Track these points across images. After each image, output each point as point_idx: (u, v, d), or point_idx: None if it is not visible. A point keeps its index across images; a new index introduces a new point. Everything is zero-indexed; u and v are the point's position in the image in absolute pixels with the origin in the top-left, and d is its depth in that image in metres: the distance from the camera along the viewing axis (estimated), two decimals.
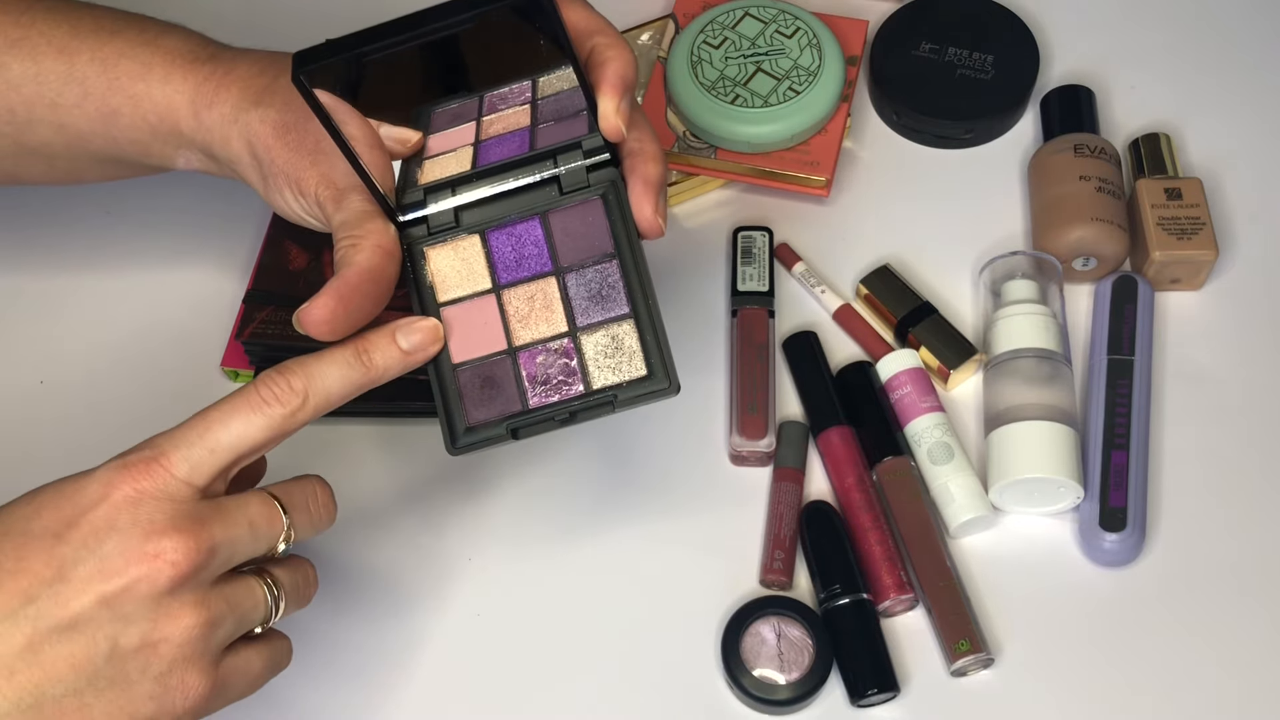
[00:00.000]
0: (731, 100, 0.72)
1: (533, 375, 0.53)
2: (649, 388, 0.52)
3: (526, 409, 0.53)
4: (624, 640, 0.62)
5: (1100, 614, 0.61)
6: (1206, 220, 0.68)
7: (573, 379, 0.53)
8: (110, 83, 0.57)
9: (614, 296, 0.54)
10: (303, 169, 0.54)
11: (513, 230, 0.55)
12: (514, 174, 0.55)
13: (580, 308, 0.54)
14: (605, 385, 0.52)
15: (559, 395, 0.53)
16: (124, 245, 0.74)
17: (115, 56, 0.57)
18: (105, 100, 0.57)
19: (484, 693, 0.61)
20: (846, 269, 0.72)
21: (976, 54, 0.76)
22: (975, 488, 0.63)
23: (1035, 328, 0.65)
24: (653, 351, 0.52)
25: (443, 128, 0.54)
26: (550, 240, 0.55)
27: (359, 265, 0.52)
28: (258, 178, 0.57)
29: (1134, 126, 0.75)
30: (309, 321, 0.51)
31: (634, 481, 0.66)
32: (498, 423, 0.53)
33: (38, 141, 0.59)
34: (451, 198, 0.55)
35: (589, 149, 0.55)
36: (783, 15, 0.74)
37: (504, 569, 0.64)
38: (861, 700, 0.59)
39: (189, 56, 0.58)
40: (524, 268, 0.55)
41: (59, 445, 0.68)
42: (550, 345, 0.53)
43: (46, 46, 0.57)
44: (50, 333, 0.72)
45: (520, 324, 0.54)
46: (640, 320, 0.53)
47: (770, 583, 0.62)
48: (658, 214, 0.54)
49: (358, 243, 0.53)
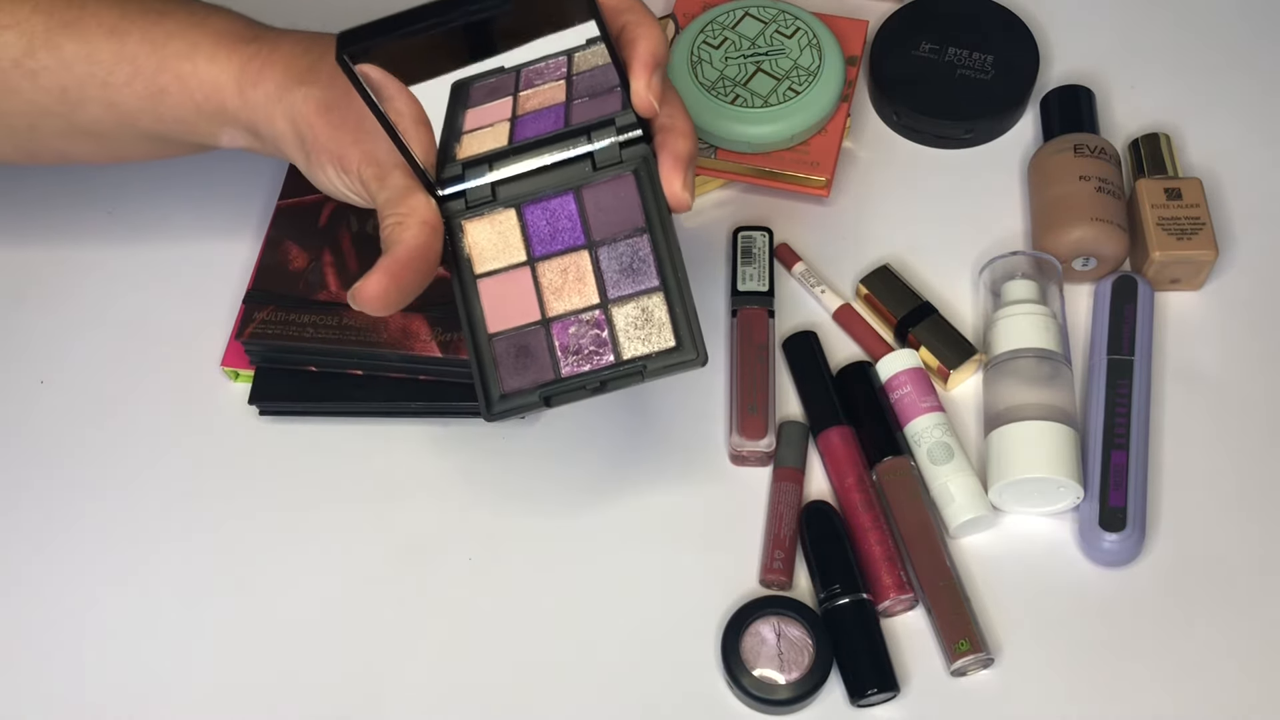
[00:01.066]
0: (731, 100, 0.72)
1: (565, 345, 0.55)
2: (678, 358, 0.54)
3: (559, 378, 0.54)
4: (624, 640, 0.62)
5: (1100, 614, 0.61)
6: (1206, 220, 0.68)
7: (604, 349, 0.55)
8: (160, 62, 0.59)
9: (644, 270, 0.56)
10: (345, 146, 0.56)
11: (547, 205, 0.57)
12: (549, 150, 0.57)
13: (611, 280, 0.56)
14: (635, 356, 0.54)
15: (590, 365, 0.54)
16: (124, 245, 0.74)
17: (164, 37, 0.59)
18: (154, 79, 0.59)
19: (484, 692, 0.61)
20: (846, 269, 0.72)
21: (976, 54, 0.76)
22: (975, 488, 0.63)
23: (1035, 328, 0.65)
24: (681, 324, 0.54)
25: (480, 102, 0.56)
26: (583, 214, 0.57)
27: (407, 243, 0.54)
28: (301, 155, 0.58)
29: (1134, 126, 0.75)
30: (364, 298, 0.53)
31: (634, 481, 0.66)
32: (531, 390, 0.54)
33: (88, 120, 0.61)
34: (489, 173, 0.57)
35: (622, 125, 0.56)
36: (783, 15, 0.74)
37: (504, 567, 0.64)
38: (861, 700, 0.59)
39: (234, 36, 0.59)
40: (558, 241, 0.57)
41: (59, 445, 0.69)
42: (582, 316, 0.55)
43: (98, 28, 0.59)
44: (50, 332, 0.72)
45: (554, 295, 0.56)
46: (670, 293, 0.55)
47: (770, 583, 0.62)
48: (686, 189, 0.55)
49: (404, 219, 0.54)
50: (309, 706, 0.61)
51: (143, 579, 0.65)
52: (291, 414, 0.69)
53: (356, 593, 0.64)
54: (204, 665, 0.62)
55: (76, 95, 0.60)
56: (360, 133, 0.56)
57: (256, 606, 0.64)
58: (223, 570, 0.65)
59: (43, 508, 0.67)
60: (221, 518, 0.66)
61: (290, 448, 0.68)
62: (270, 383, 0.68)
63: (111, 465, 0.68)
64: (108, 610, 0.64)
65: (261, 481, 0.67)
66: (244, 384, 0.70)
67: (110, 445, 0.69)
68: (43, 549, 0.66)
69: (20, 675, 0.63)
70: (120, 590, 0.64)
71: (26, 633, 0.64)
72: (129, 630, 0.63)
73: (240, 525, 0.66)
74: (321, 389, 0.67)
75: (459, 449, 0.67)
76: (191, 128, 0.61)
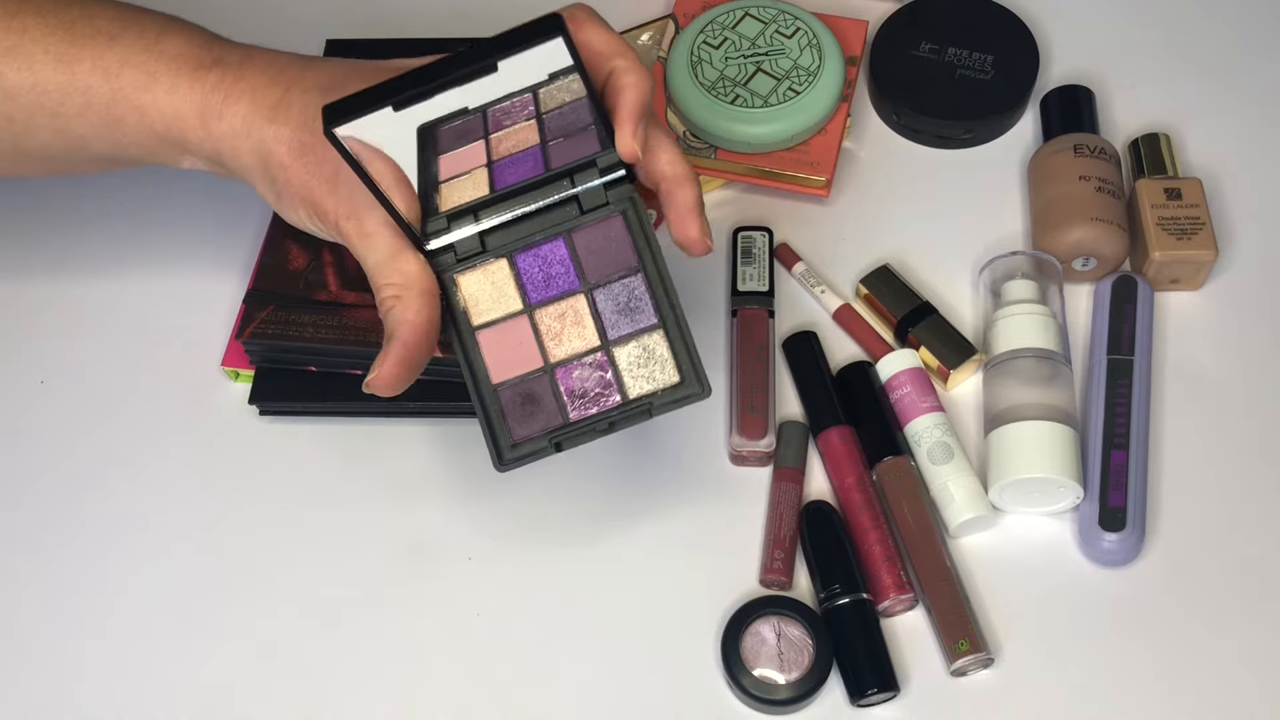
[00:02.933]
0: (731, 100, 0.72)
1: (571, 390, 0.55)
2: (683, 393, 0.54)
3: (568, 423, 0.55)
4: (624, 640, 0.62)
5: (1100, 614, 0.61)
6: (1206, 220, 0.68)
7: (609, 390, 0.55)
8: (114, 93, 0.56)
9: (641, 308, 0.56)
10: (321, 195, 0.54)
11: (539, 251, 0.57)
12: (533, 196, 0.56)
13: (610, 321, 0.56)
14: (641, 394, 0.55)
15: (598, 407, 0.55)
16: (124, 245, 0.74)
17: (118, 65, 0.56)
18: (109, 110, 0.57)
19: (484, 692, 0.61)
20: (846, 269, 0.72)
21: (976, 54, 0.76)
22: (975, 488, 0.63)
23: (1035, 328, 0.65)
24: (683, 358, 0.55)
25: (451, 147, 0.55)
26: (576, 258, 0.57)
27: (412, 323, 0.54)
28: (270, 192, 0.56)
29: (1134, 126, 0.75)
30: (380, 387, 0.54)
31: (634, 481, 0.66)
32: (541, 437, 0.55)
33: (38, 145, 0.59)
34: (475, 224, 0.56)
35: (604, 166, 0.56)
36: (783, 15, 0.74)
37: (504, 569, 0.64)
38: (861, 700, 0.59)
39: (193, 62, 0.56)
40: (553, 287, 0.57)
41: (59, 445, 0.69)
42: (585, 360, 0.55)
43: (43, 55, 0.56)
44: (50, 333, 0.72)
45: (554, 341, 0.56)
46: (669, 329, 0.55)
47: (770, 583, 0.62)
48: (703, 235, 0.55)
49: (403, 295, 0.54)
50: (309, 705, 0.61)
51: (142, 579, 0.65)
52: (291, 414, 0.69)
53: (356, 592, 0.64)
54: (204, 665, 0.62)
55: (24, 124, 0.57)
56: (336, 182, 0.54)
57: (255, 605, 0.64)
58: (222, 570, 0.65)
59: (42, 508, 0.67)
60: (221, 517, 0.66)
61: (290, 448, 0.68)
62: (270, 383, 0.68)
63: (111, 465, 0.68)
64: (107, 610, 0.64)
65: (261, 481, 0.67)
66: (244, 384, 0.70)
67: (110, 445, 0.69)
68: (42, 549, 0.66)
69: (19, 676, 0.62)
70: (120, 590, 0.64)
71: (26, 633, 0.64)
72: (128, 630, 0.63)
73: (240, 525, 0.66)
74: (321, 389, 0.67)
75: (459, 449, 0.67)
76: (150, 153, 0.59)
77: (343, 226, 0.55)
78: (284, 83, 0.56)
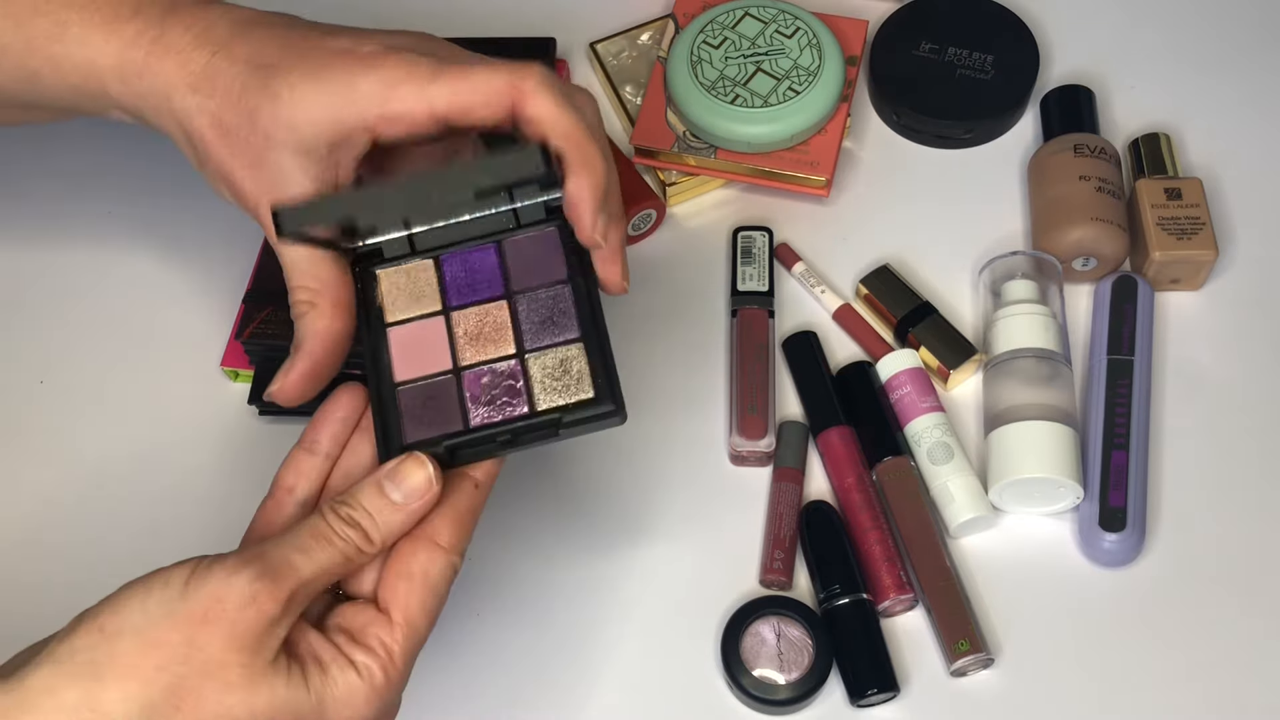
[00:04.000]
0: (731, 100, 0.72)
1: (475, 395, 0.52)
2: (594, 410, 0.51)
3: (468, 428, 0.52)
4: (623, 640, 0.62)
5: (1100, 614, 0.61)
6: (1206, 220, 0.68)
7: (517, 400, 0.52)
8: (26, 42, 0.53)
9: (564, 321, 0.53)
10: (241, 177, 0.53)
11: (467, 256, 0.55)
12: (470, 207, 0.55)
13: (530, 331, 0.53)
14: (550, 407, 0.51)
15: (501, 415, 0.51)
16: (124, 245, 0.74)
17: (28, 12, 0.53)
18: (23, 62, 0.54)
19: (483, 693, 0.61)
20: (846, 269, 0.72)
21: (976, 54, 0.76)
22: (975, 488, 0.63)
23: (1035, 328, 0.65)
24: (600, 375, 0.52)
25: None
26: (504, 266, 0.55)
27: (321, 335, 0.53)
28: (193, 158, 0.54)
29: (1134, 126, 0.75)
30: (281, 399, 0.53)
31: (634, 481, 0.66)
32: (435, 441, 0.51)
33: None
34: (406, 229, 0.55)
35: (546, 184, 0.54)
36: (783, 15, 0.74)
37: (504, 569, 0.64)
38: (861, 700, 0.59)
39: (109, 11, 0.53)
40: (476, 291, 0.54)
41: (59, 445, 0.69)
42: (496, 366, 0.53)
43: None
44: (50, 333, 0.72)
45: (469, 345, 0.53)
46: (589, 345, 0.52)
47: (770, 583, 0.62)
48: (624, 278, 0.54)
49: (315, 301, 0.53)
50: None
51: None
52: (291, 414, 0.68)
53: None
54: None
55: None
56: (259, 166, 0.52)
57: None
58: None
59: (42, 508, 0.67)
60: (221, 518, 0.66)
61: (290, 448, 0.68)
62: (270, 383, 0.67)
63: (111, 465, 0.68)
64: None
65: (261, 482, 0.67)
66: (244, 384, 0.70)
67: (110, 445, 0.69)
68: (42, 549, 0.66)
69: None
70: None
71: (26, 633, 0.64)
72: None
73: (239, 525, 0.66)
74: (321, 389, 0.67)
75: None
76: (74, 105, 0.56)
77: (262, 214, 0.52)
78: (210, 46, 0.52)
